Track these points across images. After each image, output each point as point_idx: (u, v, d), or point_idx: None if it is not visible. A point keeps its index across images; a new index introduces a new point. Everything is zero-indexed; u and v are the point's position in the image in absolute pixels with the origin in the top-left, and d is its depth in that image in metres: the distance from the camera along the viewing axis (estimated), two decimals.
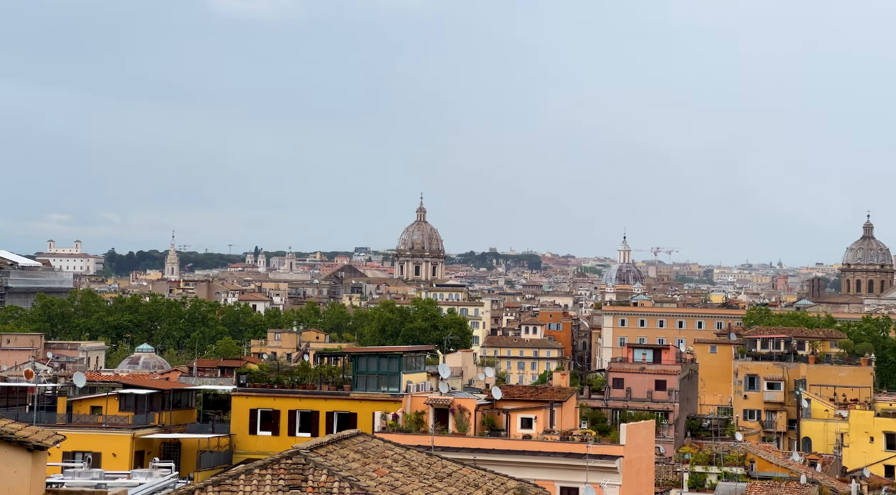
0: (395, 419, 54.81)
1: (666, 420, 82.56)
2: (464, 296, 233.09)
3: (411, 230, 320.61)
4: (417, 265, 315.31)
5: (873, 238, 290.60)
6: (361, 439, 25.70)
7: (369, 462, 23.88)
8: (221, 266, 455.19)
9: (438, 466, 25.67)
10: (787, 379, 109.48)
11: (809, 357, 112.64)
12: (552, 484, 46.68)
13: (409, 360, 68.65)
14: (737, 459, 68.41)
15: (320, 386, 67.68)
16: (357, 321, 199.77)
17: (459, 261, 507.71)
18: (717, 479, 63.27)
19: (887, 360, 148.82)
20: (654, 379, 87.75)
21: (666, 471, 65.92)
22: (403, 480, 23.30)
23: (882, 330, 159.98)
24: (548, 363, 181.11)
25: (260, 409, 66.73)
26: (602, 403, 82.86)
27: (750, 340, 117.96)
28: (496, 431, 53.60)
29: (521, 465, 47.14)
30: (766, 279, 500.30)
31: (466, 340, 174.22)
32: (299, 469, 21.85)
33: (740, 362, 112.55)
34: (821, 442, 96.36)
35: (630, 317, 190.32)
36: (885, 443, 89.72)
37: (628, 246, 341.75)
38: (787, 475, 64.95)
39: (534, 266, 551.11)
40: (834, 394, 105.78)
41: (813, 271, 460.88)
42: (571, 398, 59.13)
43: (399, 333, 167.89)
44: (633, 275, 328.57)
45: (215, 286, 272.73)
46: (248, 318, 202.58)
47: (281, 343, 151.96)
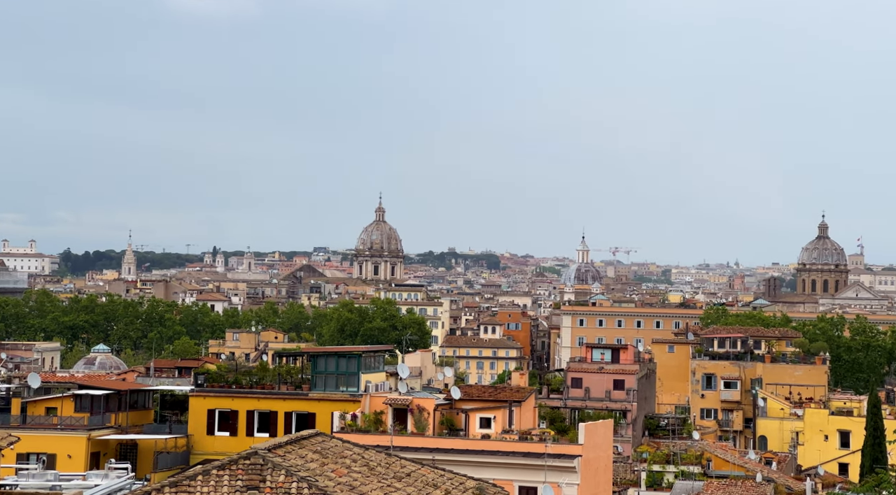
0: (354, 419, 54.69)
1: (624, 419, 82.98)
2: (423, 295, 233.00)
3: (370, 230, 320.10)
4: (376, 265, 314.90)
5: (828, 238, 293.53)
6: (320, 439, 25.61)
7: (328, 462, 23.81)
8: (179, 266, 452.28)
9: (397, 466, 25.64)
10: (743, 378, 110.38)
11: (765, 356, 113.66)
12: (511, 483, 46.78)
13: (367, 360, 68.58)
14: (693, 458, 68.88)
15: (279, 387, 67.44)
16: (316, 321, 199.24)
17: (418, 261, 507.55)
18: (675, 478, 63.68)
19: (841, 359, 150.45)
20: (613, 378, 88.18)
21: (624, 470, 66.25)
22: (362, 480, 23.25)
23: (836, 329, 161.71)
24: (507, 363, 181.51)
25: (218, 410, 66.35)
26: (561, 403, 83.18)
27: (707, 340, 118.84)
28: (455, 431, 53.63)
29: (479, 465, 47.18)
30: (723, 279, 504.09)
31: (425, 340, 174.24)
32: (257, 469, 21.74)
33: (697, 361, 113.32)
34: (776, 440, 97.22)
35: (588, 316, 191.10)
36: (839, 441, 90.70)
37: (587, 246, 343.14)
38: (743, 473, 65.48)
39: (493, 266, 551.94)
40: (789, 393, 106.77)
41: (769, 271, 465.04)
42: (530, 398, 59.27)
43: (358, 333, 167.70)
44: (592, 274, 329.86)
45: (173, 286, 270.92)
46: (206, 318, 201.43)
47: (239, 343, 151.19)
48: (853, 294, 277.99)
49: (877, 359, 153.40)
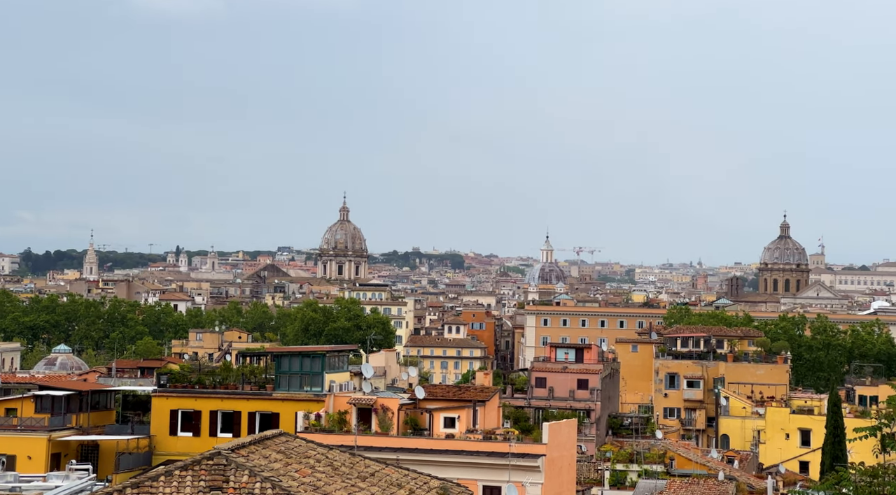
0: (318, 419, 54.55)
1: (588, 418, 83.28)
2: (387, 295, 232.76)
3: (334, 229, 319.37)
4: (340, 264, 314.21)
5: (790, 238, 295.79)
6: (284, 439, 25.52)
7: (291, 462, 23.72)
8: (142, 265, 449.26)
9: (361, 466, 25.59)
10: (706, 377, 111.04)
11: (728, 355, 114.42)
12: (475, 483, 46.80)
13: (331, 360, 68.42)
14: (657, 457, 69.20)
15: (242, 387, 67.13)
16: (280, 320, 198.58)
17: (383, 261, 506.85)
18: (638, 477, 63.96)
19: (802, 358, 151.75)
20: (577, 378, 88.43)
21: (587, 469, 66.48)
22: (326, 480, 23.19)
23: (798, 328, 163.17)
24: (471, 362, 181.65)
25: (181, 410, 65.98)
26: (525, 402, 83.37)
27: (670, 339, 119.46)
28: (419, 431, 53.60)
29: (444, 464, 47.18)
30: (686, 278, 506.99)
31: (389, 340, 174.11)
32: (220, 469, 21.63)
33: (661, 361, 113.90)
34: (738, 439, 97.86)
35: (552, 316, 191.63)
36: (799, 440, 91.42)
37: (551, 245, 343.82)
38: (705, 472, 65.84)
39: (457, 265, 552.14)
40: (751, 392, 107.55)
41: (732, 270, 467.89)
42: (494, 397, 59.32)
43: (322, 333, 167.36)
44: (556, 274, 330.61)
45: (135, 286, 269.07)
46: (169, 318, 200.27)
47: (203, 343, 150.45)
48: (814, 293, 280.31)
49: (837, 358, 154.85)
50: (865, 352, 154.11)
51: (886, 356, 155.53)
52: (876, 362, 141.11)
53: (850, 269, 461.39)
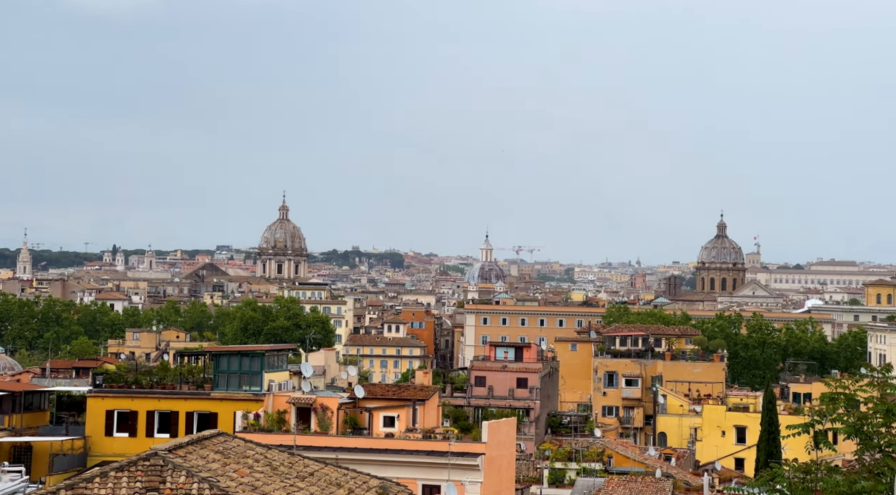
0: (257, 418, 54.27)
1: (527, 417, 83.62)
2: (326, 294, 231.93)
3: (274, 228, 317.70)
4: (280, 263, 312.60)
5: (726, 237, 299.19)
6: (222, 439, 25.33)
7: (230, 462, 23.55)
8: (77, 264, 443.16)
9: (300, 466, 25.48)
10: (644, 375, 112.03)
11: (666, 354, 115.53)
12: (414, 482, 46.82)
13: (271, 359, 68.03)
14: (595, 455, 69.65)
15: (180, 386, 66.51)
16: (219, 320, 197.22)
17: (322, 260, 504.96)
18: (576, 475, 64.34)
19: (739, 356, 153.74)
20: (516, 377, 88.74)
21: (526, 468, 66.75)
22: (265, 480, 23.06)
23: (734, 326, 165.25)
24: (410, 361, 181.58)
25: (117, 410, 65.19)
26: (464, 401, 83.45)
27: (609, 338, 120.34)
28: (359, 430, 53.53)
29: (383, 464, 47.16)
30: (625, 277, 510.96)
31: (329, 339, 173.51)
32: (157, 470, 21.42)
33: (600, 359, 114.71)
34: (676, 436, 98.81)
35: (492, 315, 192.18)
36: (735, 437, 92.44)
37: (490, 244, 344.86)
38: (643, 470, 66.36)
39: (396, 264, 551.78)
40: (689, 390, 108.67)
41: (670, 270, 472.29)
42: (434, 396, 59.39)
43: (261, 332, 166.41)
44: (496, 273, 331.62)
45: (70, 285, 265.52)
46: (106, 318, 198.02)
47: (140, 342, 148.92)
48: (750, 292, 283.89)
49: (772, 355, 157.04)
50: (799, 350, 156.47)
51: (820, 354, 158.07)
52: (809, 360, 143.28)
53: (785, 268, 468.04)
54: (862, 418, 24.68)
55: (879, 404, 24.62)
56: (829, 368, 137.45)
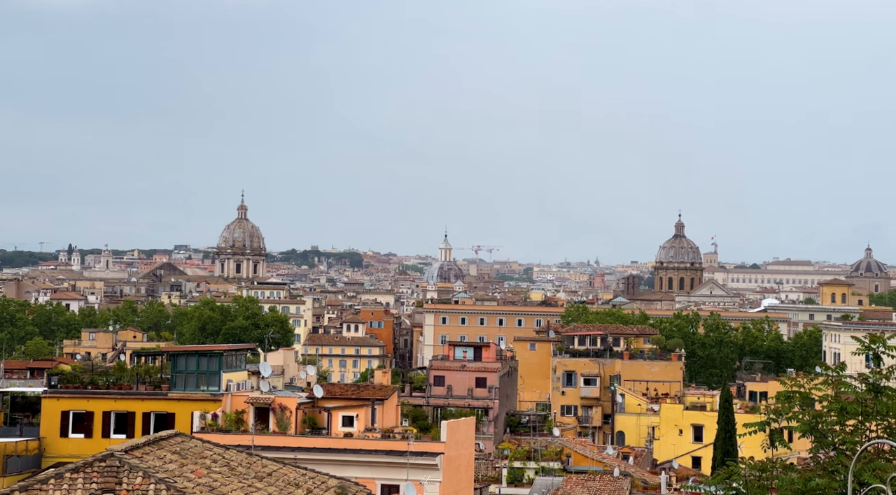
0: (215, 418, 53.97)
1: (486, 416, 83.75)
2: (285, 294, 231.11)
3: (232, 227, 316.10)
4: (238, 263, 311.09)
5: (684, 237, 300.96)
6: (179, 439, 25.17)
7: (187, 463, 23.41)
8: (32, 264, 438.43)
9: (258, 466, 25.37)
10: (602, 374, 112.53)
11: (624, 353, 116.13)
12: (373, 481, 46.75)
13: (229, 359, 67.69)
14: (554, 454, 69.94)
15: (137, 387, 66.02)
16: (176, 319, 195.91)
17: (281, 259, 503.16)
18: (535, 474, 64.55)
19: (696, 355, 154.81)
20: (475, 376, 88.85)
21: (485, 467, 66.85)
22: (222, 481, 22.94)
23: (692, 326, 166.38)
24: (369, 361, 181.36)
25: (72, 411, 64.58)
26: (423, 401, 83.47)
27: (568, 337, 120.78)
28: (317, 430, 53.38)
29: (342, 463, 47.06)
30: (583, 277, 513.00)
31: (288, 338, 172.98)
32: (113, 471, 21.25)
33: (558, 359, 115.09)
34: (634, 435, 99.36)
35: (451, 314, 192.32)
36: (692, 436, 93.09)
37: (449, 244, 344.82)
38: (601, 468, 66.70)
39: (355, 264, 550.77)
40: (646, 389, 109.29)
41: (628, 269, 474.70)
42: (393, 396, 59.34)
43: (220, 332, 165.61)
44: (455, 273, 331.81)
45: (25, 285, 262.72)
46: (61, 318, 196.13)
47: (96, 343, 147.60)
48: (707, 292, 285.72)
49: (729, 354, 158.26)
50: (756, 349, 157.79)
51: (776, 352, 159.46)
52: (766, 359, 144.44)
53: (742, 268, 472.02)
54: (817, 416, 24.90)
55: (834, 402, 24.85)
56: (785, 367, 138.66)
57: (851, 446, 23.96)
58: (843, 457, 23.64)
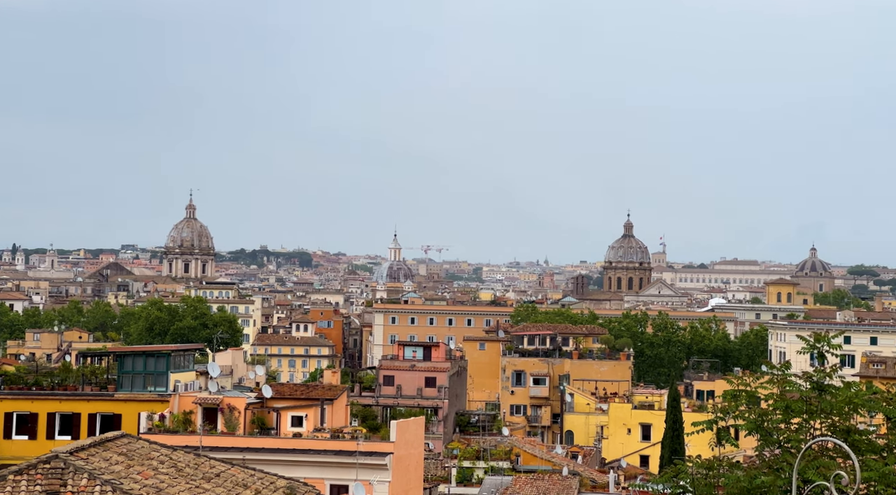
0: (162, 419, 53.56)
1: (435, 416, 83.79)
2: (234, 293, 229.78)
3: (180, 227, 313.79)
4: (187, 263, 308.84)
5: (633, 237, 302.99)
6: (126, 441, 24.93)
7: (134, 464, 23.19)
8: None
9: (206, 467, 25.19)
10: (551, 374, 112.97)
11: (573, 352, 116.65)
12: (322, 482, 46.63)
13: (177, 359, 67.22)
14: (503, 453, 70.10)
15: (83, 388, 65.34)
16: (123, 320, 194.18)
17: (230, 259, 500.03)
18: (484, 473, 64.68)
19: (644, 355, 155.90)
20: (424, 376, 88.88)
21: (435, 467, 66.87)
22: (169, 482, 22.75)
23: (640, 325, 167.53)
24: (319, 361, 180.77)
25: (16, 413, 63.75)
26: (373, 401, 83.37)
27: (517, 337, 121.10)
28: (266, 430, 53.14)
29: (291, 464, 46.87)
30: (533, 277, 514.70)
31: (237, 338, 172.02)
32: (58, 473, 21.00)
33: (508, 358, 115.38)
34: (582, 434, 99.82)
35: (401, 314, 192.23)
36: (640, 435, 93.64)
37: (399, 244, 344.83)
38: (550, 468, 66.97)
39: (305, 264, 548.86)
40: (595, 388, 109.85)
41: (578, 269, 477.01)
42: (342, 395, 59.21)
43: (167, 332, 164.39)
44: (404, 272, 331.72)
45: None
46: (5, 318, 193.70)
47: (40, 343, 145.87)
48: (656, 291, 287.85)
49: (677, 354, 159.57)
50: (703, 348, 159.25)
51: (723, 351, 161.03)
52: (713, 358, 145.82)
53: (690, 268, 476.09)
54: (762, 415, 25.16)
55: (779, 401, 25.12)
56: (732, 366, 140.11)
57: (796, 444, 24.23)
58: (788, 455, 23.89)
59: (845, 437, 23.62)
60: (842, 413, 24.65)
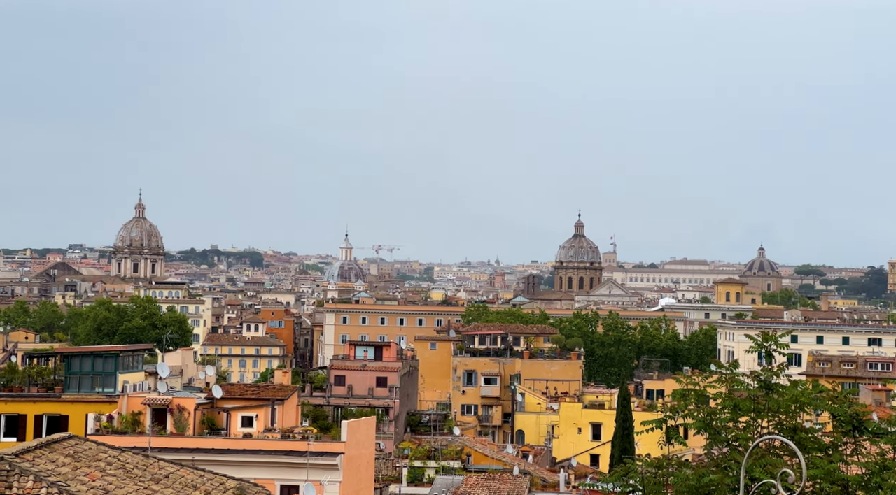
0: (111, 420, 53.06)
1: (386, 416, 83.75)
2: (184, 293, 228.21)
3: (129, 227, 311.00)
4: (136, 262, 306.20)
5: (584, 237, 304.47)
6: (73, 442, 24.67)
7: (81, 466, 22.96)
8: None
9: (155, 468, 25.00)
10: (503, 374, 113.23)
11: (524, 352, 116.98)
12: (273, 482, 46.42)
13: (125, 360, 66.70)
14: (454, 453, 70.17)
15: (29, 389, 64.55)
16: (71, 320, 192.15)
17: (180, 259, 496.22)
18: (435, 473, 64.73)
19: (595, 354, 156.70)
20: (376, 376, 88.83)
21: (386, 467, 66.84)
22: (117, 484, 22.55)
23: (591, 325, 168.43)
24: (269, 361, 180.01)
25: None
26: (324, 400, 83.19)
27: (468, 337, 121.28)
28: (216, 430, 52.83)
29: (241, 464, 46.62)
30: (484, 277, 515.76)
31: (187, 338, 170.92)
32: (3, 475, 20.75)
33: (459, 358, 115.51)
34: (533, 434, 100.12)
35: (352, 314, 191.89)
36: (591, 434, 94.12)
37: (350, 243, 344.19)
38: (501, 467, 67.13)
39: (256, 263, 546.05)
40: (546, 388, 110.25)
41: (529, 269, 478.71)
42: (293, 396, 59.03)
43: (116, 332, 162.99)
44: (355, 272, 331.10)
45: None
46: None
47: None
48: (606, 291, 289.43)
49: (627, 353, 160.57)
50: (653, 348, 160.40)
51: (672, 351, 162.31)
52: (663, 357, 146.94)
53: (640, 267, 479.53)
54: (711, 413, 25.39)
55: (727, 400, 25.37)
56: (682, 365, 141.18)
57: (744, 442, 24.47)
58: (736, 453, 24.13)
59: (792, 435, 23.90)
60: (788, 411, 24.94)
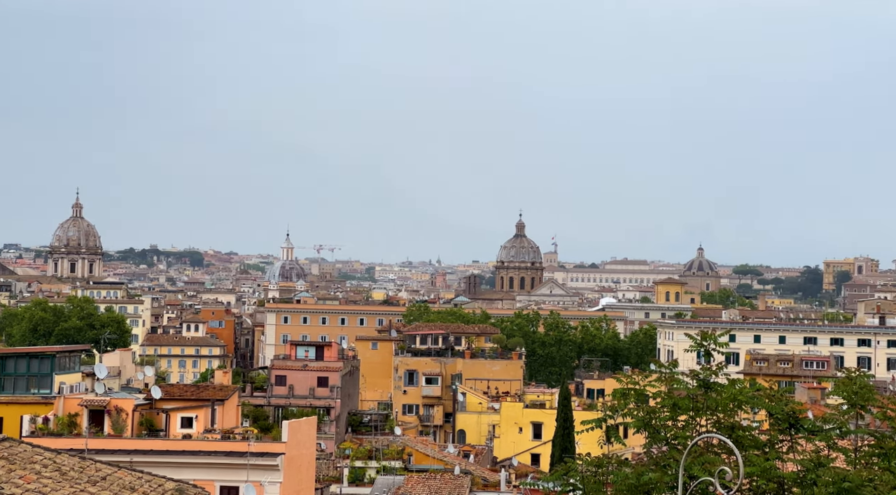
0: (46, 422, 52.37)
1: (328, 416, 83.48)
2: (123, 293, 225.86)
3: (66, 226, 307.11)
4: (73, 262, 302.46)
5: (525, 237, 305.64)
6: (7, 444, 24.29)
7: (15, 468, 22.62)
8: None
9: (92, 470, 24.69)
10: (444, 373, 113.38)
11: (466, 352, 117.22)
12: (212, 483, 46.10)
13: (62, 361, 65.85)
14: (395, 453, 70.18)
15: None
16: (5, 320, 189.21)
17: (119, 259, 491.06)
18: (377, 473, 64.68)
19: (536, 354, 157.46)
20: (317, 375, 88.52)
21: (327, 467, 66.68)
22: (53, 486, 22.25)
23: (532, 325, 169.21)
24: (210, 361, 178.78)
25: None
26: (264, 401, 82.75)
27: (410, 337, 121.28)
28: (155, 431, 52.37)
29: (180, 466, 46.23)
30: (425, 276, 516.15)
31: (125, 339, 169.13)
32: None
33: (400, 358, 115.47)
34: (475, 433, 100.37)
35: (293, 314, 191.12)
36: (532, 433, 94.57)
37: (291, 243, 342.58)
38: (442, 467, 67.23)
39: (196, 263, 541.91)
40: (487, 388, 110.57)
41: (470, 269, 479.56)
42: (233, 396, 58.65)
43: (52, 333, 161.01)
44: (297, 272, 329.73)
45: None
46: None
47: None
48: (548, 291, 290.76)
49: (568, 353, 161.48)
50: (594, 347, 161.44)
51: (613, 350, 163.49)
52: (603, 356, 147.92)
53: (581, 267, 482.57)
54: (650, 412, 25.61)
55: (667, 398, 25.61)
56: (622, 364, 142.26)
57: (683, 441, 24.71)
58: (675, 452, 24.36)
59: (730, 434, 24.18)
60: (726, 410, 25.23)
